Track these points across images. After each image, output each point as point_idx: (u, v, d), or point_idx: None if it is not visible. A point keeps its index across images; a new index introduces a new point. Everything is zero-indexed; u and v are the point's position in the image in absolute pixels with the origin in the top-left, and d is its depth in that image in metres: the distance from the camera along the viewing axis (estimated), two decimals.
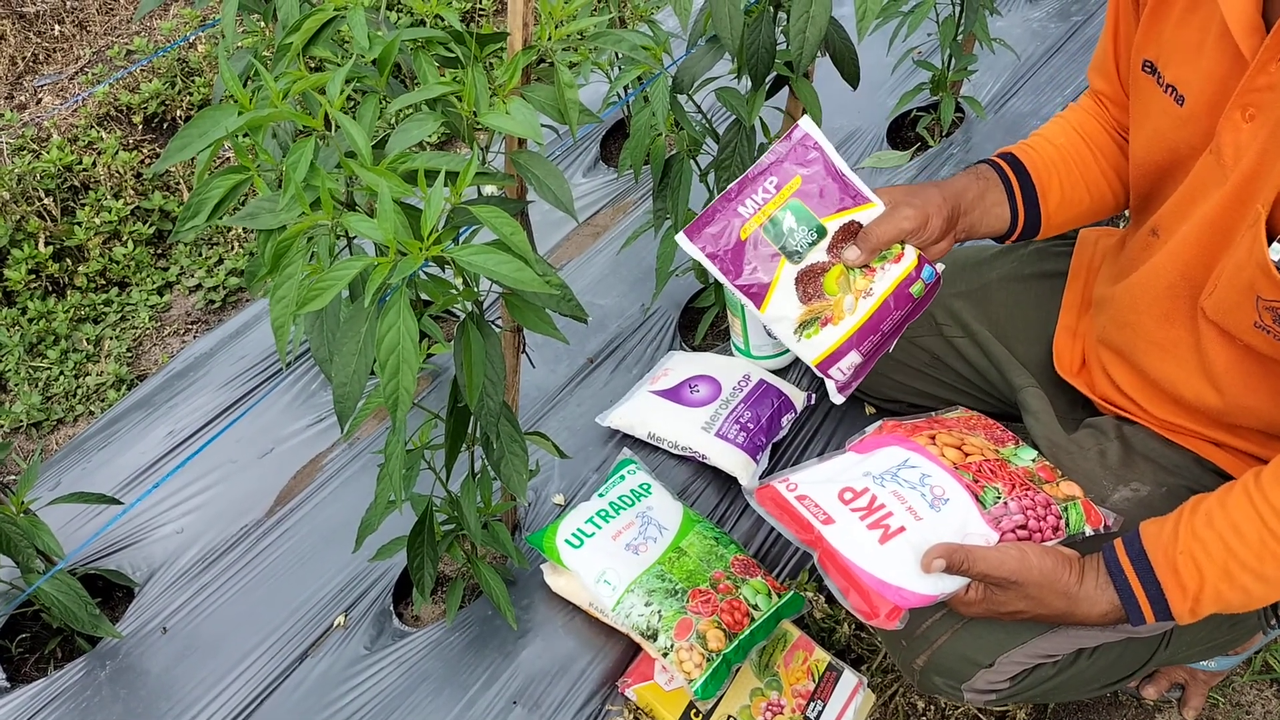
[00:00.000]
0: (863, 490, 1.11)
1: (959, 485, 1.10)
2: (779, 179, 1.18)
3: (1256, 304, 1.02)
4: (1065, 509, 1.10)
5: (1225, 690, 1.50)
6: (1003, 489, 1.10)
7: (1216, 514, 1.02)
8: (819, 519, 1.09)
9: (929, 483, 1.10)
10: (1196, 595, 1.02)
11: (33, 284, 2.29)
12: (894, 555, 1.06)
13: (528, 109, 1.01)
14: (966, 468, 1.11)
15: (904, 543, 1.06)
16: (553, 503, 1.65)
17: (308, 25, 1.05)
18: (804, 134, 1.18)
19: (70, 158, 2.49)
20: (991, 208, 1.28)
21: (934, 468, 1.12)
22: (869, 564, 1.05)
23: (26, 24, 3.03)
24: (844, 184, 1.18)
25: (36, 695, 1.49)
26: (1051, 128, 1.36)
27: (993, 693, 1.21)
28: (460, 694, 1.44)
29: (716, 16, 1.32)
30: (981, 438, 1.18)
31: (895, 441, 1.17)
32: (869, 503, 1.09)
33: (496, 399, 1.09)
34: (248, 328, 2.04)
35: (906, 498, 1.09)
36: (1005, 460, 1.14)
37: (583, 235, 2.14)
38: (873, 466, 1.14)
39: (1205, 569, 1.01)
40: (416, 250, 0.90)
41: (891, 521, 1.07)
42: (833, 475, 1.15)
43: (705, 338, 1.88)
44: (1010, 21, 2.50)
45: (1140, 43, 1.14)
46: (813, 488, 1.12)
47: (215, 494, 1.74)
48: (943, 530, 1.07)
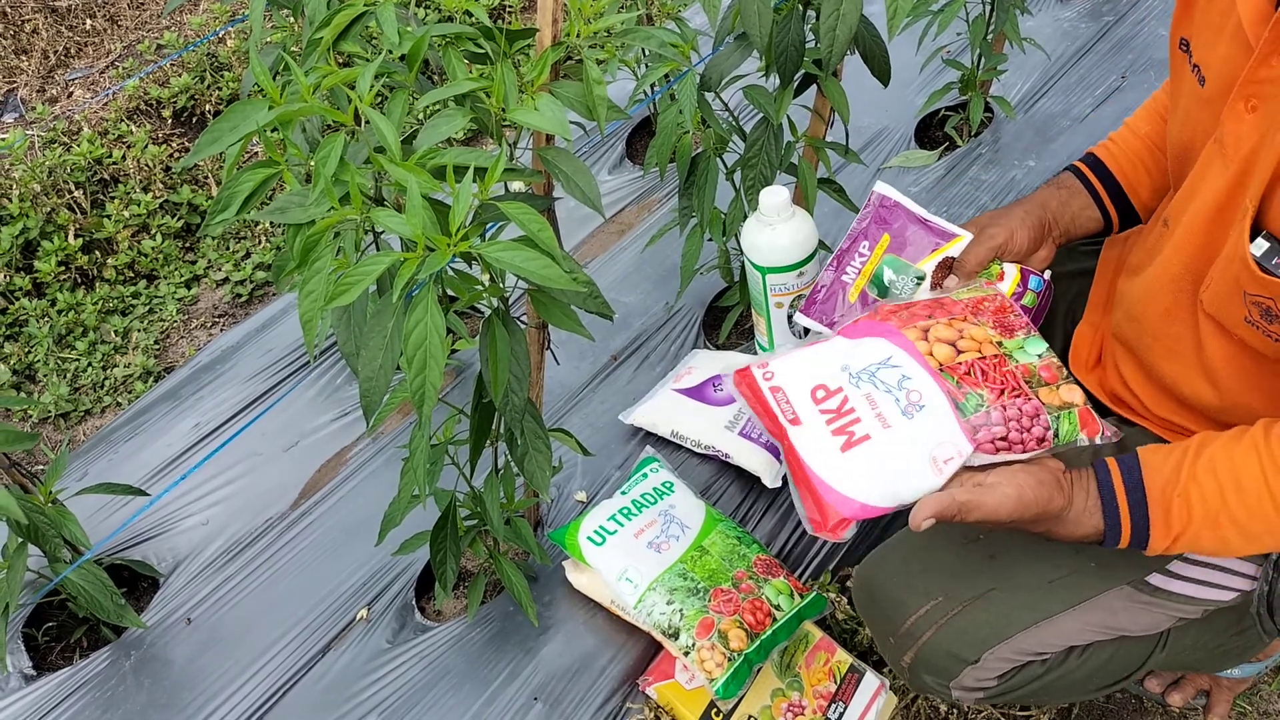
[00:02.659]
0: (836, 389, 1.06)
1: (939, 390, 1.04)
2: (870, 241, 1.28)
3: (1244, 299, 1.01)
4: (1057, 418, 1.04)
5: (1253, 699, 1.48)
6: (988, 396, 1.03)
7: (1220, 462, 1.01)
8: (787, 417, 1.06)
9: (906, 385, 1.05)
10: (1178, 536, 1.02)
11: (62, 276, 2.32)
12: (853, 465, 1.02)
13: (556, 105, 1.01)
14: (953, 369, 1.05)
15: (866, 452, 1.02)
16: (575, 500, 1.65)
17: (338, 20, 1.06)
18: (881, 195, 1.30)
19: (100, 151, 2.51)
20: (1080, 212, 1.32)
21: (916, 369, 1.05)
22: (827, 472, 1.02)
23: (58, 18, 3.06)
24: (928, 227, 1.28)
25: (62, 683, 1.50)
26: (1138, 116, 1.35)
27: (981, 690, 1.20)
28: (481, 689, 1.44)
29: (745, 14, 1.32)
30: (987, 326, 1.10)
31: (883, 333, 1.10)
32: (839, 405, 1.05)
33: (521, 395, 1.10)
34: (274, 321, 2.05)
35: (879, 402, 1.04)
36: (1006, 355, 1.07)
37: (608, 233, 2.14)
38: (853, 361, 1.08)
39: (1195, 514, 1.01)
40: (444, 246, 0.90)
41: (857, 429, 1.03)
42: (812, 366, 1.10)
43: (729, 336, 1.87)
44: (1041, 21, 2.48)
45: (1178, 19, 1.13)
46: (789, 379, 1.09)
47: (240, 486, 1.75)
48: (914, 439, 1.02)
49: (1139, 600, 1.17)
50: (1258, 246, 0.97)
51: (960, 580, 1.20)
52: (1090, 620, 1.18)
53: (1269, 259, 0.97)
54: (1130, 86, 2.25)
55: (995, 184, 2.10)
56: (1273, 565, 1.14)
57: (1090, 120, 2.19)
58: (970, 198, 2.08)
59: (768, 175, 1.54)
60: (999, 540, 1.22)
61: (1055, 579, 1.18)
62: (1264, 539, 1.01)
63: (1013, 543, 1.22)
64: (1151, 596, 1.17)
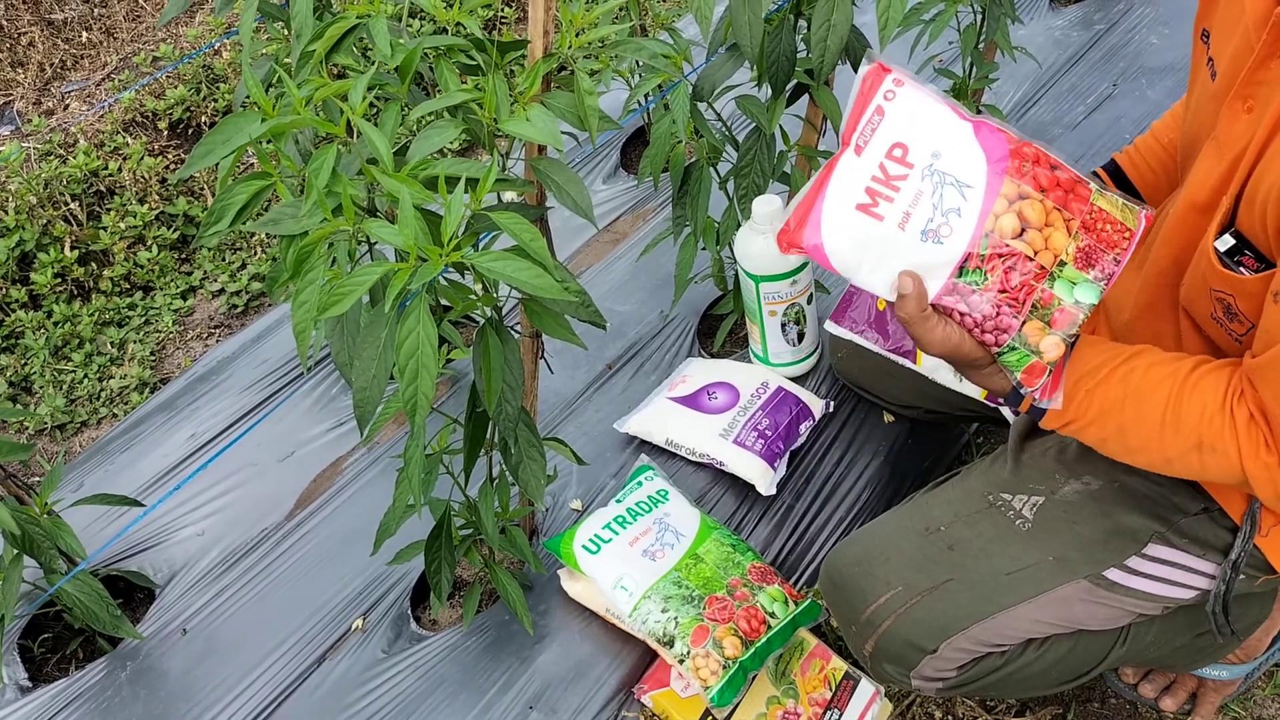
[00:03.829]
0: (909, 163, 1.02)
1: (965, 242, 1.01)
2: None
3: (1210, 295, 1.02)
4: (1014, 348, 1.02)
5: (1246, 703, 1.48)
6: (990, 282, 1.01)
7: (1138, 374, 1.04)
8: (859, 138, 1.03)
9: (950, 218, 1.01)
10: (1070, 422, 1.07)
11: (58, 287, 2.32)
12: (850, 224, 1.02)
13: (548, 116, 1.02)
14: (997, 246, 1.00)
15: (868, 225, 1.02)
16: (570, 508, 1.66)
17: (330, 33, 1.06)
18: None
19: (96, 163, 2.52)
20: None
21: (974, 214, 1.01)
22: (829, 207, 1.02)
23: (55, 31, 3.07)
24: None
25: (58, 695, 1.50)
26: (1164, 121, 1.36)
27: (940, 681, 1.22)
28: (477, 698, 1.44)
29: (737, 24, 1.33)
30: (1075, 244, 1.02)
31: (991, 164, 1.02)
32: (896, 174, 1.02)
33: (515, 404, 1.10)
34: (269, 332, 2.05)
35: (919, 206, 1.01)
36: (1051, 278, 1.01)
37: (602, 242, 2.15)
38: (947, 155, 1.02)
39: (1093, 411, 1.05)
40: (437, 256, 0.90)
41: (883, 207, 1.02)
42: (923, 122, 1.03)
43: (724, 345, 1.88)
44: (1032, 30, 2.49)
45: (1203, 9, 1.14)
46: (897, 112, 1.03)
47: (236, 497, 1.75)
48: (906, 254, 1.02)
49: (1096, 595, 1.19)
50: (1223, 242, 0.99)
51: (919, 570, 1.22)
52: (1047, 613, 1.19)
53: (1232, 255, 0.98)
54: (1122, 94, 2.27)
55: None
56: (1230, 565, 1.15)
57: (1082, 128, 2.20)
58: None
59: (761, 184, 1.55)
60: (959, 532, 1.24)
61: (1012, 571, 1.20)
62: (1136, 454, 1.06)
63: (971, 534, 1.24)
64: (1109, 591, 1.18)
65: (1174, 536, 1.17)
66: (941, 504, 1.28)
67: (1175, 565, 1.18)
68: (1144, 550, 1.18)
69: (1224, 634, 1.21)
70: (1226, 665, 1.41)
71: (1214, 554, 1.17)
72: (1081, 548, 1.19)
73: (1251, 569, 1.17)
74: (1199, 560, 1.17)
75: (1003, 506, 1.24)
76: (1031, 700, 1.47)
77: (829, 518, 1.61)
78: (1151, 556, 1.18)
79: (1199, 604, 1.20)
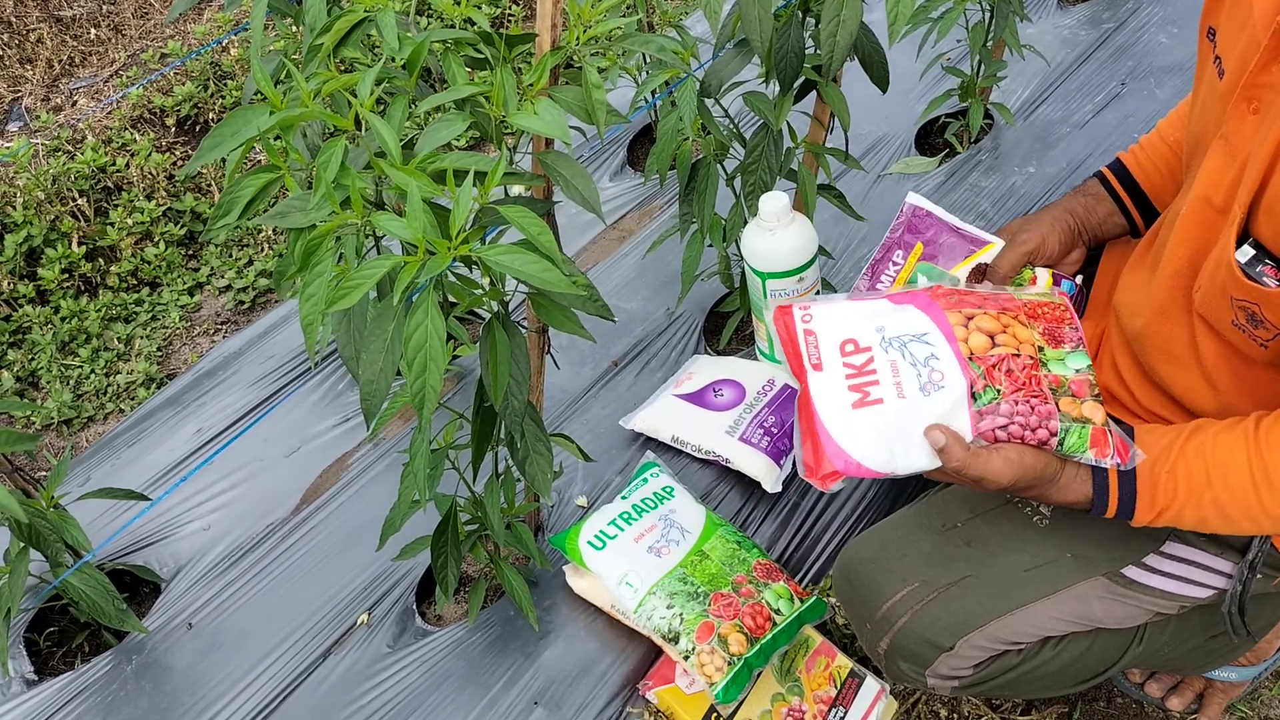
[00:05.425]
0: (865, 348, 1.08)
1: (961, 377, 1.05)
2: (903, 250, 1.31)
3: (1231, 303, 1.02)
4: (1068, 429, 1.03)
5: (1253, 703, 1.48)
6: (1005, 389, 1.04)
7: (1210, 446, 1.03)
8: (811, 360, 1.08)
9: (932, 364, 1.06)
10: (1162, 510, 1.05)
11: (66, 283, 2.32)
12: (859, 423, 1.04)
13: (555, 109, 1.02)
14: (983, 360, 1.05)
15: (875, 415, 1.04)
16: (576, 504, 1.66)
17: (338, 26, 1.06)
18: (913, 206, 1.32)
19: (104, 159, 2.52)
20: (1106, 218, 1.35)
21: (946, 351, 1.07)
22: (833, 423, 1.04)
23: (63, 27, 3.07)
24: (961, 235, 1.29)
25: (64, 688, 1.50)
26: (1169, 121, 1.36)
27: (956, 679, 1.21)
28: (482, 694, 1.44)
29: (746, 20, 1.33)
30: (1036, 331, 1.09)
31: (927, 309, 1.11)
32: (863, 363, 1.07)
33: (521, 399, 1.10)
34: (276, 328, 2.05)
35: (901, 372, 1.06)
36: (1042, 362, 1.07)
37: (609, 239, 2.14)
38: (889, 325, 1.09)
39: (1180, 491, 1.04)
40: (445, 249, 0.90)
41: (873, 391, 1.05)
42: (850, 318, 1.11)
43: (730, 342, 1.87)
44: (1041, 28, 2.49)
45: (1209, 7, 1.13)
46: (824, 325, 1.10)
47: (242, 492, 1.75)
48: (922, 416, 1.04)
49: (1115, 592, 1.18)
50: (1243, 253, 0.99)
51: (937, 566, 1.21)
52: (1065, 610, 1.18)
53: (1253, 265, 0.98)
54: (1130, 93, 2.26)
55: (995, 190, 2.10)
56: (1248, 565, 1.15)
57: (1090, 127, 2.20)
58: (970, 204, 2.08)
59: (768, 181, 1.55)
60: (977, 528, 1.23)
61: (1031, 568, 1.19)
62: (1241, 523, 1.04)
63: (990, 531, 1.23)
64: (1127, 589, 1.18)
65: (1192, 534, 1.17)
66: (958, 501, 1.27)
67: (1193, 564, 1.17)
68: (1162, 548, 1.17)
69: (1240, 634, 1.20)
70: (1235, 667, 1.40)
71: (1231, 553, 1.17)
72: (1100, 545, 1.18)
73: (1269, 568, 1.16)
74: (1216, 559, 1.17)
75: (1020, 503, 1.23)
76: (1037, 698, 1.47)
77: (834, 515, 1.61)
78: (1169, 554, 1.17)
79: (1215, 604, 1.19)
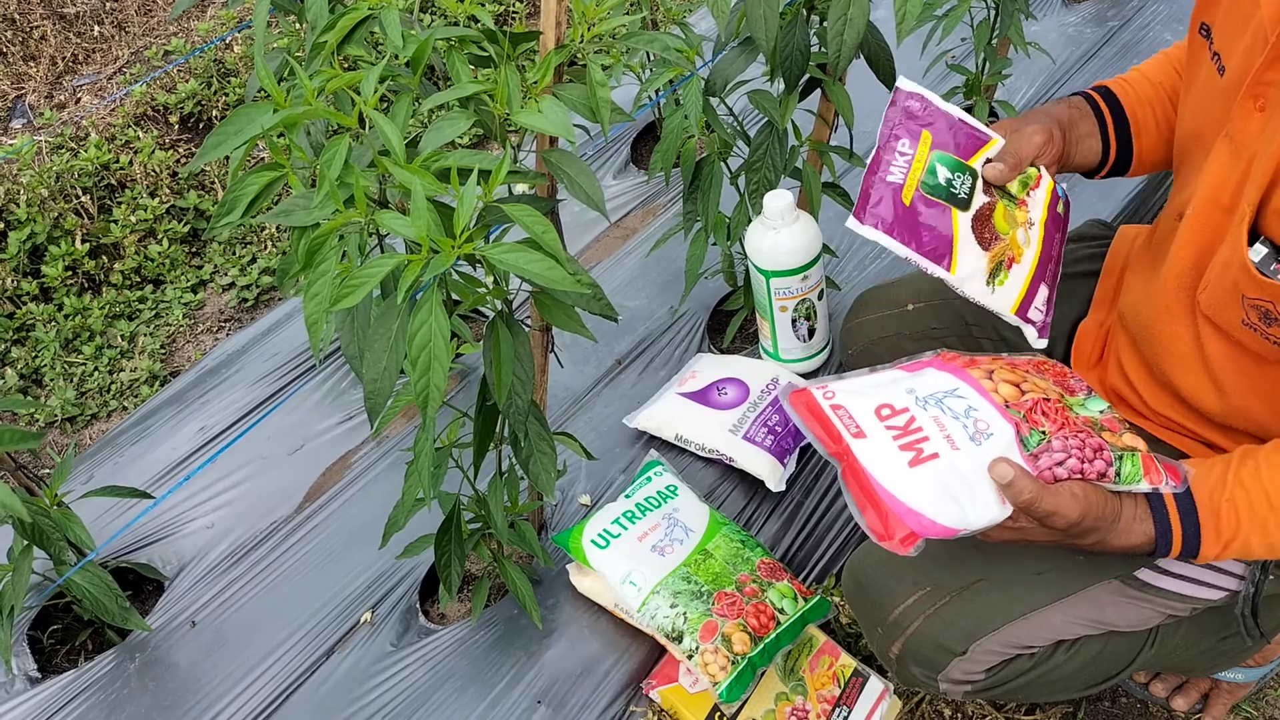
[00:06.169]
0: (902, 409, 1.03)
1: (1005, 422, 1.02)
2: (909, 139, 1.17)
3: (1243, 302, 1.01)
4: (1120, 457, 1.02)
5: (1258, 703, 1.47)
6: (1050, 429, 1.02)
7: (1264, 470, 1.02)
8: (850, 431, 1.02)
9: (973, 415, 1.02)
10: (1228, 542, 1.03)
11: (69, 280, 2.32)
12: (922, 480, 0.98)
13: (560, 107, 1.02)
14: (1019, 406, 1.04)
15: (935, 469, 0.99)
16: (579, 503, 1.65)
17: (342, 24, 1.06)
18: (906, 92, 1.19)
19: (107, 156, 2.52)
20: (1084, 138, 1.27)
21: (982, 402, 1.04)
22: (894, 485, 0.98)
23: (67, 25, 3.08)
24: (967, 126, 1.19)
25: (67, 686, 1.50)
26: (1152, 64, 1.32)
27: (968, 684, 1.20)
28: (485, 692, 1.44)
29: (752, 18, 1.32)
30: (1049, 381, 1.09)
31: (945, 369, 1.09)
32: (906, 423, 1.02)
33: (525, 397, 1.10)
34: (279, 326, 2.05)
35: (947, 425, 1.01)
36: (1067, 407, 1.06)
37: (612, 237, 2.14)
38: (918, 386, 1.06)
39: (1244, 518, 1.02)
40: (449, 248, 0.90)
41: (926, 446, 1.00)
42: (874, 388, 1.07)
43: (734, 340, 1.87)
44: (1045, 26, 2.48)
45: (1201, 4, 1.12)
46: (850, 398, 1.06)
47: (245, 490, 1.75)
48: (981, 465, 1.00)
49: (1127, 595, 1.17)
50: (1256, 252, 0.98)
51: (948, 570, 1.20)
52: (1078, 613, 1.17)
53: (1267, 264, 0.97)
54: None
55: None
56: (1260, 567, 1.14)
57: None
58: None
59: (772, 179, 1.55)
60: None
61: (1043, 571, 1.18)
62: None
63: None
64: (1140, 592, 1.17)
65: None
66: None
67: (1206, 566, 1.16)
68: None
69: (1252, 636, 1.20)
70: (1242, 668, 1.40)
71: None
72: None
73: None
74: (1229, 561, 1.16)
75: None
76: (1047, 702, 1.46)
77: (838, 514, 1.61)
78: None
79: (1227, 606, 1.19)
